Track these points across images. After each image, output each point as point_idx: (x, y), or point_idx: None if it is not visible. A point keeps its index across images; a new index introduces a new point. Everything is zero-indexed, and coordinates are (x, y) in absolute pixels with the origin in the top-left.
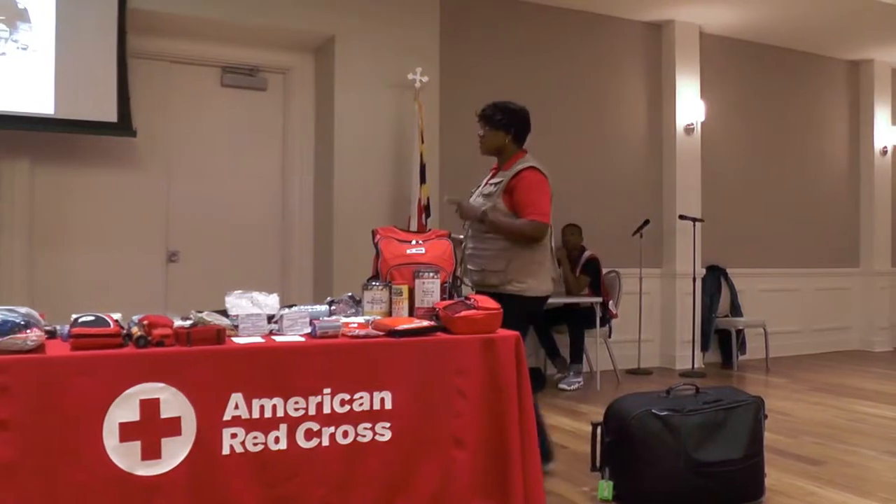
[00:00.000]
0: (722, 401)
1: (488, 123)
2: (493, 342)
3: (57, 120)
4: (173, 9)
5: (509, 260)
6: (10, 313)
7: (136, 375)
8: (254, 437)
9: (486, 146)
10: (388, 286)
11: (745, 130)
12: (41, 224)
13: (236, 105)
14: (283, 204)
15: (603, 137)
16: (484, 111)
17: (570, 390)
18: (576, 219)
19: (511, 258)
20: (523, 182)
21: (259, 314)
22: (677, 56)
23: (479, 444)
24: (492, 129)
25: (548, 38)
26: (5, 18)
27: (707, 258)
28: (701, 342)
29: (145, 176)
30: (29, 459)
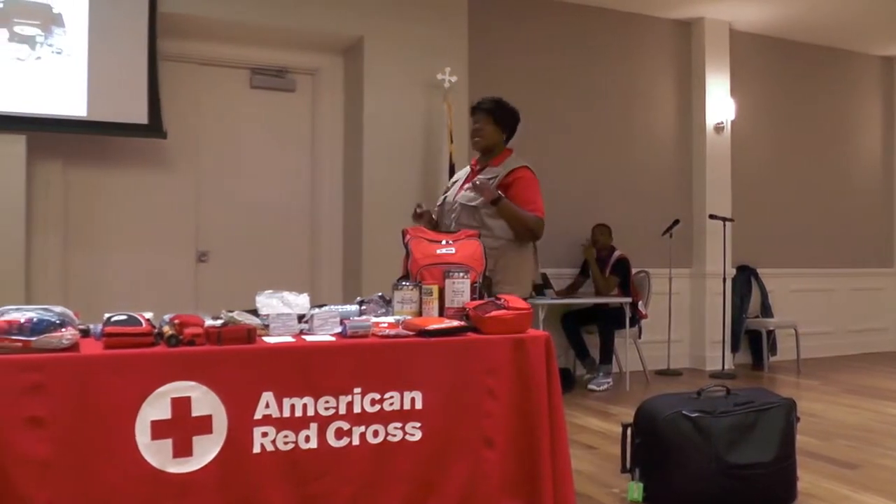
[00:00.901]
0: (753, 402)
1: (491, 118)
2: (523, 342)
3: (89, 122)
4: (203, 11)
5: (496, 259)
6: (46, 312)
7: (167, 374)
8: (284, 436)
9: (486, 140)
10: (418, 286)
11: (775, 128)
12: (74, 224)
13: (265, 106)
14: (312, 204)
15: (632, 136)
16: (484, 105)
17: (599, 391)
18: (605, 218)
19: (498, 257)
20: (522, 180)
21: (289, 314)
22: (707, 54)
23: (509, 445)
24: (493, 125)
25: (577, 36)
26: (40, 23)
27: (737, 258)
28: (731, 343)
29: (175, 177)
30: (63, 456)
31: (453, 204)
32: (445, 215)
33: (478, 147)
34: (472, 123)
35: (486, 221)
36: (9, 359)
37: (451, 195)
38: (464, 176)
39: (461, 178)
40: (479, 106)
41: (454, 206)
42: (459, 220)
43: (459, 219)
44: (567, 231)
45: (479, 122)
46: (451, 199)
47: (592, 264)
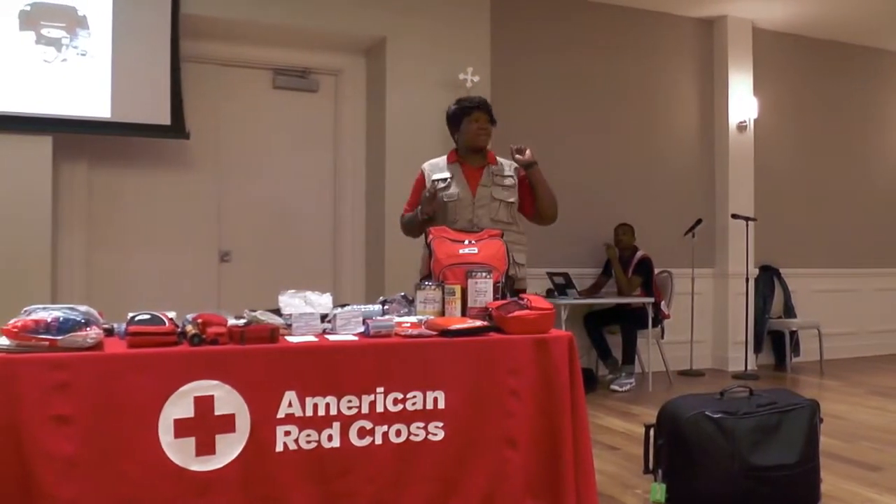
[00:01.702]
0: (776, 404)
1: (488, 117)
2: (545, 342)
3: (113, 123)
4: (225, 13)
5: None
6: (71, 311)
7: (190, 373)
8: (307, 435)
9: (488, 140)
10: (440, 286)
11: (799, 127)
12: (98, 224)
13: (288, 107)
14: (334, 204)
15: (654, 135)
16: (484, 105)
17: (621, 391)
18: (627, 218)
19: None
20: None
21: (312, 313)
22: (730, 52)
23: (532, 445)
24: (491, 126)
25: (599, 35)
26: (66, 25)
27: (760, 258)
28: (754, 344)
29: (198, 177)
30: (88, 453)
31: (479, 200)
32: (460, 211)
33: (484, 144)
34: (472, 122)
35: (516, 216)
36: (36, 357)
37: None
38: (457, 173)
39: (454, 175)
40: (481, 105)
41: (482, 203)
42: (497, 216)
43: (496, 215)
44: (589, 231)
45: (483, 122)
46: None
47: (615, 264)
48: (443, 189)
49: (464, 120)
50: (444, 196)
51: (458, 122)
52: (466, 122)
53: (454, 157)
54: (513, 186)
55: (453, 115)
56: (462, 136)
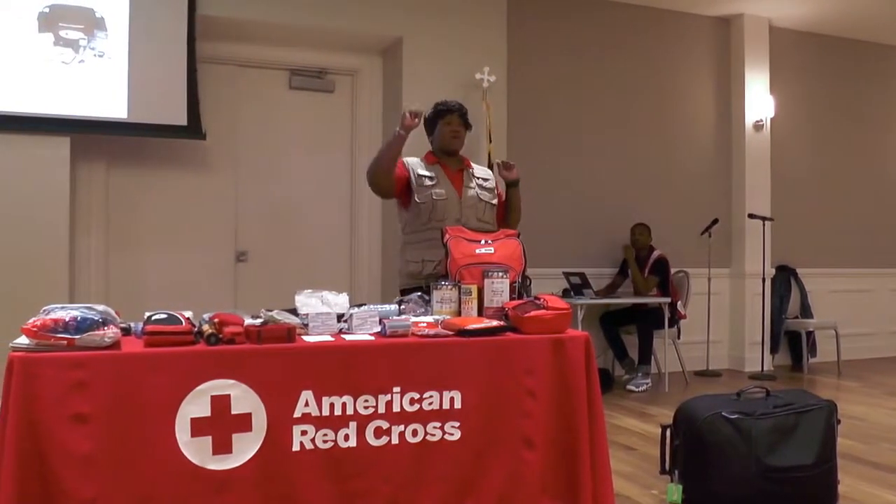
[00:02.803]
0: (793, 404)
1: (462, 122)
2: (562, 342)
3: (130, 124)
4: (241, 14)
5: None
6: (89, 311)
7: (207, 372)
8: (324, 435)
9: (461, 144)
10: (457, 286)
11: (816, 126)
12: (116, 224)
13: (304, 107)
14: (350, 204)
15: (670, 134)
16: (460, 110)
17: (638, 392)
18: (644, 218)
19: None
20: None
21: (329, 313)
22: (746, 51)
23: (549, 445)
24: (465, 130)
25: (615, 34)
26: (84, 27)
27: (777, 258)
28: (770, 344)
29: (215, 177)
30: (106, 452)
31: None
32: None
33: (458, 147)
34: (445, 125)
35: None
36: (55, 356)
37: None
38: (439, 173)
39: (438, 175)
40: (457, 109)
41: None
42: (483, 216)
43: (483, 215)
44: (605, 230)
45: (456, 125)
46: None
47: (632, 264)
48: (430, 185)
49: (439, 123)
50: (433, 193)
51: (434, 125)
52: (441, 125)
53: (433, 158)
54: (494, 189)
55: (429, 119)
56: (436, 139)
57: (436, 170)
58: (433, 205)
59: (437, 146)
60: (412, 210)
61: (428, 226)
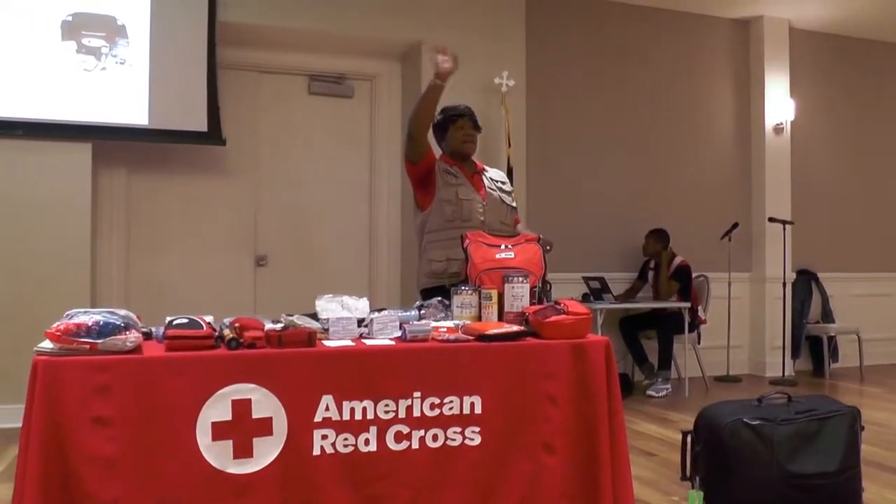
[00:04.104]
0: (815, 410)
1: (476, 127)
2: (582, 347)
3: (151, 130)
4: (261, 20)
5: None
6: (111, 315)
7: (228, 376)
8: (344, 439)
9: (474, 148)
10: (477, 290)
11: (837, 129)
12: (137, 230)
13: (323, 112)
14: (370, 209)
15: (689, 138)
16: (473, 115)
17: (658, 397)
18: (662, 222)
19: None
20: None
21: (349, 318)
22: (766, 53)
23: (569, 450)
24: (476, 133)
25: (633, 37)
26: (106, 35)
27: (797, 262)
28: (791, 349)
29: (235, 183)
30: (128, 455)
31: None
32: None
33: (471, 151)
34: (457, 129)
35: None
36: (78, 360)
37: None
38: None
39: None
40: (467, 113)
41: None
42: (504, 219)
43: (504, 218)
44: (624, 235)
45: (468, 129)
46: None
47: (664, 266)
48: (455, 184)
49: (450, 128)
50: (458, 192)
51: (445, 129)
52: (452, 130)
53: (450, 161)
54: (511, 193)
55: (439, 124)
56: (448, 144)
57: (455, 171)
58: (460, 204)
59: (449, 151)
60: (435, 208)
61: (453, 224)
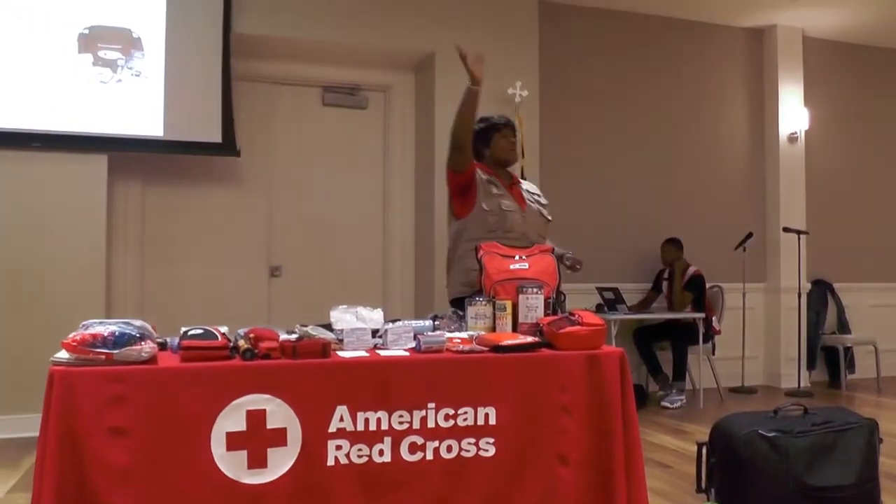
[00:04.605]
0: (832, 422)
1: (515, 136)
2: (597, 358)
3: (166, 142)
4: (276, 32)
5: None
6: (127, 326)
7: (243, 387)
8: (358, 450)
9: (517, 156)
10: (491, 301)
11: (851, 137)
12: (151, 240)
13: (337, 124)
14: (384, 220)
15: (704, 148)
16: (512, 124)
17: (672, 408)
18: (676, 232)
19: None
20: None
21: (364, 328)
22: (780, 62)
23: (584, 462)
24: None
25: (647, 47)
26: (121, 47)
27: (812, 272)
28: (807, 360)
29: (249, 194)
30: (143, 465)
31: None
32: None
33: (515, 159)
34: (500, 138)
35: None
36: (94, 370)
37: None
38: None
39: (500, 184)
40: (511, 123)
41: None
42: (542, 232)
43: (542, 231)
44: (638, 245)
45: (511, 137)
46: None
47: (678, 277)
48: (497, 195)
49: (494, 136)
50: (502, 204)
51: (489, 138)
52: (497, 138)
53: (489, 171)
54: (547, 206)
55: (482, 132)
56: (492, 152)
57: (496, 181)
58: (503, 215)
59: (492, 159)
60: (476, 217)
61: (494, 234)
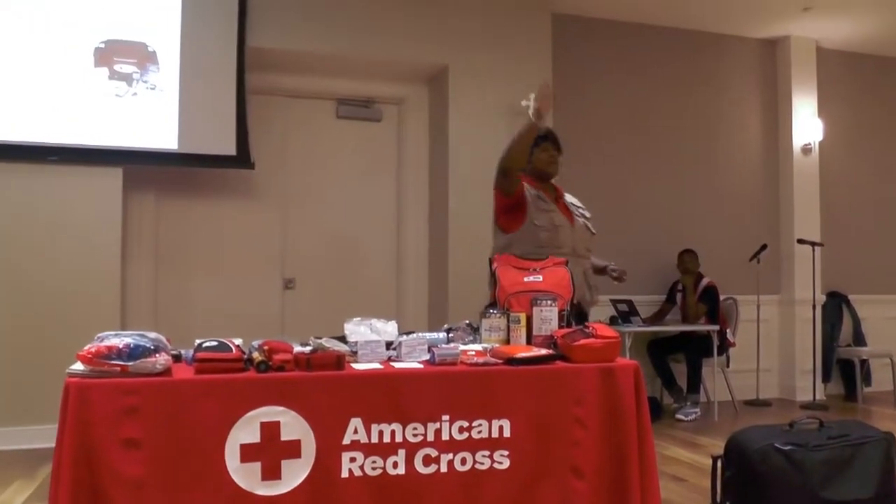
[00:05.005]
0: (849, 436)
1: (558, 149)
2: (611, 371)
3: (181, 155)
4: (290, 45)
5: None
6: (141, 338)
7: (257, 399)
8: (372, 462)
9: (558, 169)
10: (505, 314)
11: (866, 148)
12: (166, 252)
13: (351, 136)
14: (398, 232)
15: (718, 159)
16: (556, 136)
17: (687, 421)
18: (690, 244)
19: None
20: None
21: (378, 341)
22: (793, 73)
23: (598, 475)
24: (559, 155)
25: (660, 59)
26: (137, 61)
27: (827, 284)
28: (822, 373)
29: (263, 206)
30: (157, 477)
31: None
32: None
33: (555, 172)
34: (542, 151)
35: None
36: (109, 382)
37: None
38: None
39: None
40: (549, 136)
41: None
42: (589, 245)
43: (589, 244)
44: (652, 257)
45: (552, 150)
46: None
47: (689, 291)
48: (547, 210)
49: (534, 150)
50: (553, 219)
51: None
52: (538, 152)
53: (535, 184)
54: (591, 219)
55: None
56: (533, 165)
57: (543, 196)
58: (555, 230)
59: (534, 171)
60: (526, 232)
61: (546, 250)
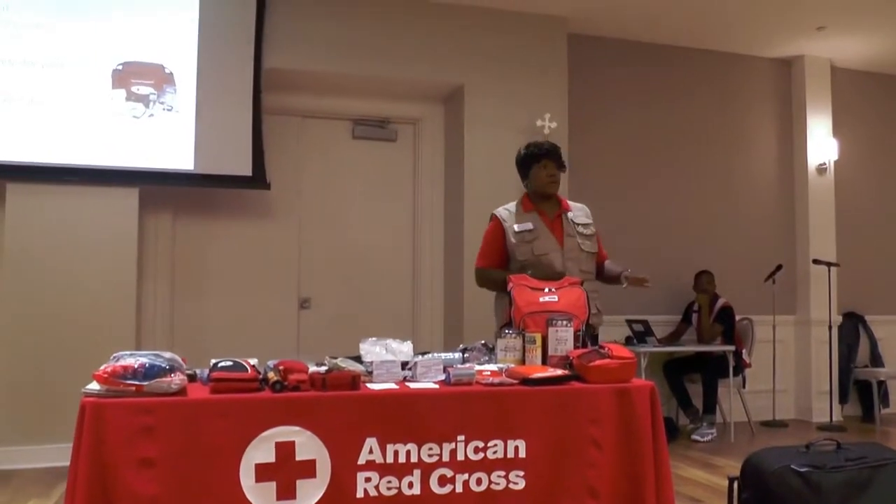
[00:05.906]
0: (867, 458)
1: (559, 166)
2: (627, 392)
3: (197, 175)
4: (305, 66)
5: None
6: (157, 358)
7: (272, 419)
8: (388, 482)
9: (557, 187)
10: (521, 334)
11: (882, 168)
12: (182, 272)
13: (367, 156)
14: (413, 252)
15: (732, 179)
16: (555, 152)
17: (703, 441)
18: (706, 264)
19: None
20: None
21: (393, 361)
22: (808, 92)
23: (614, 496)
24: (560, 172)
25: (675, 79)
26: (154, 83)
27: (843, 304)
28: (839, 394)
29: (279, 226)
30: (171, 496)
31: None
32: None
33: (554, 191)
34: (541, 168)
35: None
36: (124, 402)
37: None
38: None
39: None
40: (550, 152)
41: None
42: (584, 267)
43: (583, 266)
44: (668, 278)
45: (552, 168)
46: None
47: (704, 311)
48: (530, 240)
49: (533, 167)
50: (534, 248)
51: (528, 168)
52: (536, 169)
53: (530, 204)
54: (593, 236)
55: (523, 161)
56: (531, 183)
57: (533, 218)
58: (538, 260)
59: (532, 190)
60: (513, 266)
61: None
